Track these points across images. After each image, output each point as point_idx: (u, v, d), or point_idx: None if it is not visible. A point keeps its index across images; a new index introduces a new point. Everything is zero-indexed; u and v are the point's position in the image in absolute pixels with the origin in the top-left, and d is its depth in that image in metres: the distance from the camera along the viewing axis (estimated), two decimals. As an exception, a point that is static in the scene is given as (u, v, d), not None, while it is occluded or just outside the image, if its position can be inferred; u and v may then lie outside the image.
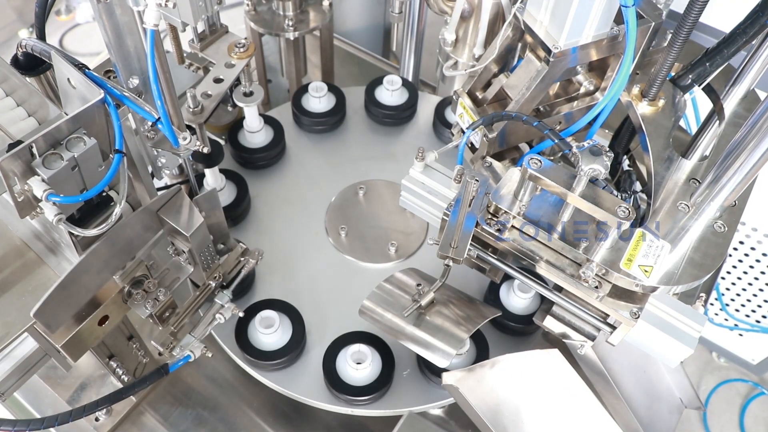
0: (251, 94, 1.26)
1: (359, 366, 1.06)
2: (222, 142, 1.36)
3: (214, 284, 1.01)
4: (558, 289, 0.88)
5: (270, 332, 1.09)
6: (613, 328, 0.86)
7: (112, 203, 0.88)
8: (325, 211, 1.32)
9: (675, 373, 1.09)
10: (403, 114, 1.44)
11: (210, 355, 1.02)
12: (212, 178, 1.25)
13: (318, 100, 1.41)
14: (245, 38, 1.22)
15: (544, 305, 0.93)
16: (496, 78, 1.04)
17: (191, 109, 1.13)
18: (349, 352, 1.09)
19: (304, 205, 1.34)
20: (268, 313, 1.12)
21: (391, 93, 1.43)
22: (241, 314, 1.05)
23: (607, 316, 0.86)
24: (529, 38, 0.92)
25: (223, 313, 1.03)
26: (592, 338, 0.91)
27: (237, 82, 1.23)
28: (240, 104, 1.26)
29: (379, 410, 1.10)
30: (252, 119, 1.34)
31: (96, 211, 0.86)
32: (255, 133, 1.36)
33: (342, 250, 1.27)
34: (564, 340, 0.93)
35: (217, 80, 1.19)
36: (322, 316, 1.18)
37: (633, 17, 0.80)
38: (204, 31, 1.22)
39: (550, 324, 0.92)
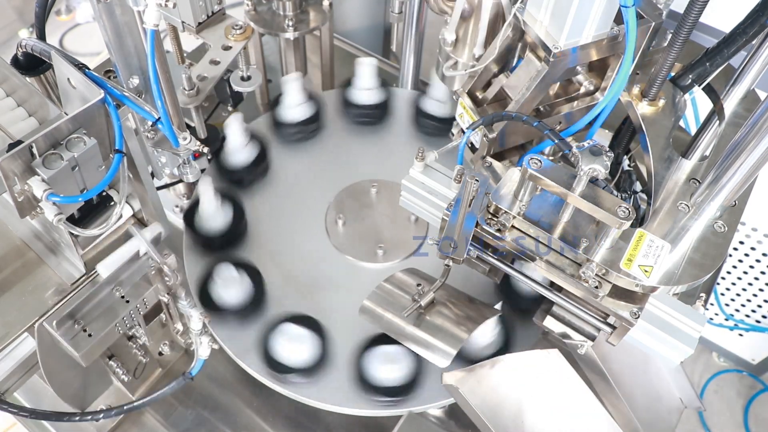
0: (249, 78, 1.24)
1: (392, 367, 1.06)
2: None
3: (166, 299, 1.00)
4: (558, 289, 0.88)
5: (297, 349, 1.06)
6: (613, 328, 0.86)
7: (111, 203, 0.88)
8: (324, 213, 1.31)
9: (675, 373, 1.09)
10: (378, 111, 1.42)
11: (216, 347, 1.02)
12: (207, 200, 1.17)
13: (294, 110, 1.36)
14: (242, 21, 1.20)
15: (544, 305, 0.93)
16: (496, 78, 1.04)
17: (186, 91, 1.10)
18: (378, 353, 1.07)
19: (302, 212, 1.32)
20: (295, 330, 1.08)
21: (363, 91, 1.39)
22: (207, 320, 1.00)
23: (608, 315, 0.86)
24: (528, 38, 0.92)
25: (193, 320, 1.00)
26: (592, 338, 0.91)
27: (231, 70, 1.20)
28: (238, 88, 1.23)
29: (379, 410, 1.10)
30: (234, 139, 1.25)
31: (96, 211, 0.86)
32: (239, 153, 1.29)
33: (342, 250, 1.27)
34: (564, 341, 0.93)
35: (214, 62, 1.16)
36: (340, 322, 1.16)
37: (633, 17, 0.80)
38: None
39: (550, 324, 0.92)
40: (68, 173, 0.74)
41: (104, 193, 0.88)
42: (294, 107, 1.35)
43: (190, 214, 1.21)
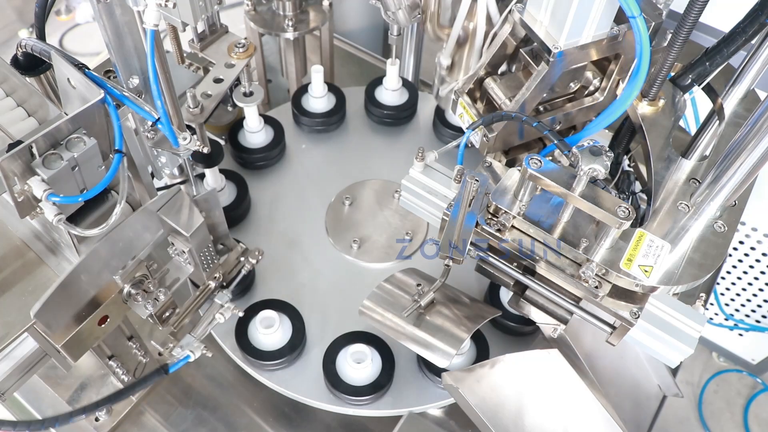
0: (251, 94, 1.26)
1: (359, 366, 1.06)
2: (222, 142, 1.36)
3: (213, 284, 1.01)
4: (531, 273, 0.88)
5: (270, 332, 1.09)
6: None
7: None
8: (325, 210, 1.32)
9: (653, 360, 1.09)
10: (403, 114, 1.44)
11: (210, 355, 1.02)
12: (212, 178, 1.25)
13: (318, 100, 1.41)
14: (245, 38, 1.22)
15: (517, 288, 0.93)
16: (483, 81, 1.04)
17: (191, 109, 1.13)
18: (350, 351, 1.09)
19: (304, 205, 1.34)
20: (268, 313, 1.11)
21: (390, 91, 1.42)
22: (240, 314, 1.05)
23: (579, 299, 0.86)
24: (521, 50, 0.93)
25: (223, 313, 1.03)
26: (565, 321, 0.91)
27: (237, 82, 1.23)
28: (240, 104, 1.27)
29: (379, 410, 1.10)
30: (252, 119, 1.34)
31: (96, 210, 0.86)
32: (255, 134, 1.36)
33: (342, 249, 1.27)
34: (537, 324, 0.93)
35: (217, 80, 1.19)
36: (322, 316, 1.18)
37: (644, 28, 0.79)
38: (204, 31, 1.22)
39: (524, 308, 0.92)
40: (68, 173, 0.74)
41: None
42: (318, 98, 1.42)
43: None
